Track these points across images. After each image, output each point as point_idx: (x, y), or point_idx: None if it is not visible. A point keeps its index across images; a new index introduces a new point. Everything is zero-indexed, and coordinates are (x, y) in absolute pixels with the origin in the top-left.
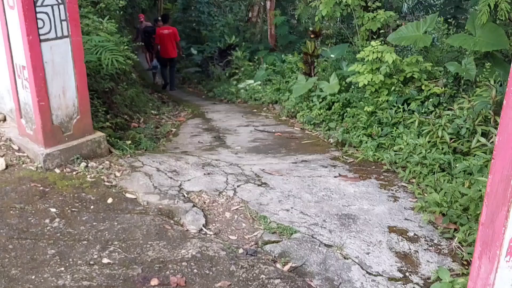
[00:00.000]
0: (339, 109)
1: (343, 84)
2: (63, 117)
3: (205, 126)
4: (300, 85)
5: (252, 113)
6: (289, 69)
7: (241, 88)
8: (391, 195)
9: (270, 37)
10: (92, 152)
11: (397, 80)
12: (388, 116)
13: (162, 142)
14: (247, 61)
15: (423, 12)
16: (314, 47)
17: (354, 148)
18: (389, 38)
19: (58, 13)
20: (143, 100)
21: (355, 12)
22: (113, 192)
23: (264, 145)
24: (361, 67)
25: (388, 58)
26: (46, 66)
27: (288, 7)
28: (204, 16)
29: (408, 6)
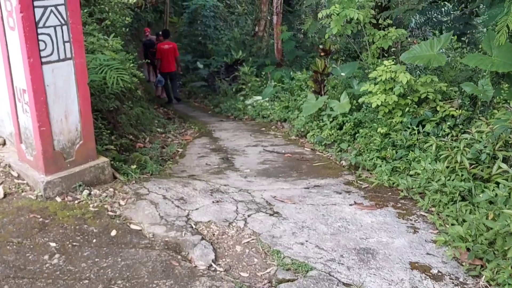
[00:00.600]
0: (350, 129)
1: (354, 103)
2: (65, 142)
3: (212, 146)
4: (310, 104)
5: (261, 131)
6: (297, 87)
7: (249, 105)
8: (411, 226)
9: (277, 51)
10: (95, 179)
11: (411, 101)
12: (403, 138)
13: (168, 165)
14: (254, 77)
15: (431, 28)
16: (324, 65)
17: (368, 172)
18: (402, 57)
19: (61, 34)
20: (149, 117)
21: (365, 29)
22: (117, 224)
23: (274, 168)
24: (374, 87)
25: (402, 78)
26: (47, 90)
27: (295, 21)
28: (210, 30)
29: (416, 22)
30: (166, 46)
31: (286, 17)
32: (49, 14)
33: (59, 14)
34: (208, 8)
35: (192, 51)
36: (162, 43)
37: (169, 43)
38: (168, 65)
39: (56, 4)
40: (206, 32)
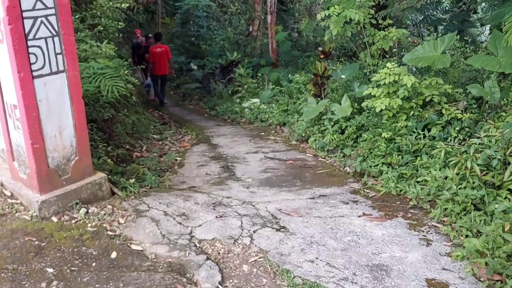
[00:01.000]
0: (352, 133)
1: (355, 106)
2: (59, 159)
3: (211, 154)
4: (311, 108)
5: (260, 136)
6: (296, 89)
7: (246, 108)
8: (423, 238)
9: (272, 51)
10: (92, 196)
11: (416, 104)
12: (408, 143)
13: (167, 176)
14: (250, 78)
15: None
16: (324, 68)
17: (374, 179)
18: (405, 59)
19: (52, 46)
20: (145, 123)
21: (365, 29)
22: (117, 244)
23: (277, 176)
24: (377, 91)
25: (407, 81)
26: (40, 105)
27: (289, 20)
28: (204, 30)
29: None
30: (158, 49)
31: (280, 16)
32: (39, 25)
33: (50, 25)
34: (200, 8)
35: (185, 52)
36: (154, 46)
37: (161, 46)
38: (161, 68)
39: (46, 14)
40: (199, 33)
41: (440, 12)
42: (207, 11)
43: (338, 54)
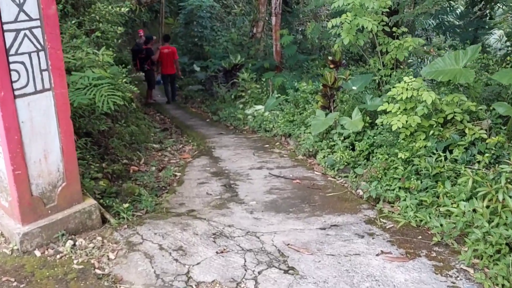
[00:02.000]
0: (365, 150)
1: (367, 120)
2: (45, 185)
3: (213, 169)
4: (319, 121)
5: (264, 149)
6: (303, 99)
7: (249, 115)
8: (452, 286)
9: (276, 53)
10: (81, 225)
11: (436, 123)
12: (428, 166)
13: (165, 197)
14: (254, 83)
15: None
16: (334, 78)
17: (390, 205)
18: (423, 72)
19: (37, 62)
20: (145, 131)
21: (377, 38)
22: (105, 286)
23: (283, 199)
24: (393, 107)
25: (426, 97)
26: (22, 127)
27: (294, 22)
28: (207, 31)
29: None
30: (166, 50)
31: (284, 17)
32: (22, 39)
33: (34, 38)
34: (204, 9)
35: (188, 52)
36: (163, 47)
37: (168, 47)
38: (167, 68)
39: (31, 27)
40: (203, 34)
41: (454, 18)
42: (211, 11)
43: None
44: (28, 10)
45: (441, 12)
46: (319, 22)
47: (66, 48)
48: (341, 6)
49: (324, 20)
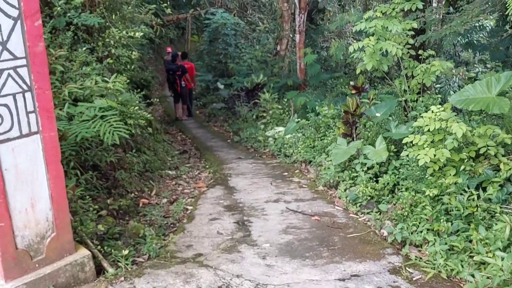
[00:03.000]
0: (389, 182)
1: (392, 149)
2: (31, 237)
3: (227, 202)
4: (340, 150)
5: (283, 177)
6: (324, 123)
7: (269, 137)
8: None
9: (299, 71)
10: (72, 279)
11: (467, 157)
12: (459, 205)
13: (171, 239)
14: (275, 104)
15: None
16: (356, 104)
17: (417, 249)
18: (452, 101)
19: (23, 103)
20: (161, 156)
21: (403, 61)
22: None
23: (300, 241)
24: (419, 138)
25: (457, 130)
26: (6, 175)
27: (318, 39)
28: (232, 48)
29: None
30: (186, 66)
31: (309, 35)
32: (6, 80)
33: (19, 78)
34: (229, 26)
35: (213, 69)
36: (183, 63)
37: (187, 63)
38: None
39: (15, 66)
40: (227, 51)
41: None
42: (236, 29)
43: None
44: (12, 48)
45: (470, 31)
46: (344, 39)
47: (76, 76)
48: (363, 29)
49: (349, 37)
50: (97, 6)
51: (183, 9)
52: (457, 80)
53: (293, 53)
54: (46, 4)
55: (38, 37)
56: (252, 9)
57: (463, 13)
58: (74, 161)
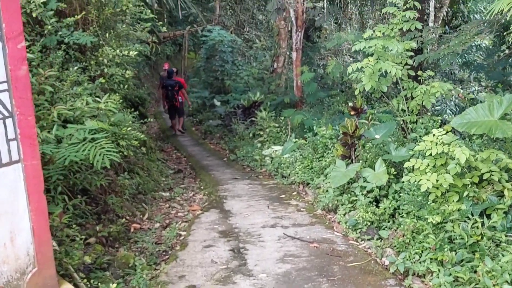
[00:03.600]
0: (389, 206)
1: (392, 171)
2: (10, 273)
3: (222, 227)
4: (339, 173)
5: (280, 200)
6: (322, 143)
7: (266, 156)
8: None
9: (296, 88)
10: None
11: (470, 182)
12: (463, 233)
13: (162, 269)
14: (272, 122)
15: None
16: (355, 126)
17: (420, 279)
18: (453, 124)
19: (3, 130)
20: (155, 177)
21: (402, 81)
22: None
23: (298, 270)
24: (421, 163)
25: (460, 155)
26: None
27: (315, 56)
28: (228, 65)
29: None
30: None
31: (305, 52)
32: None
33: (0, 104)
34: (226, 43)
35: (209, 86)
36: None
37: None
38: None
39: None
40: (224, 68)
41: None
42: (232, 46)
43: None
44: None
45: (467, 51)
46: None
47: (66, 96)
48: (362, 49)
49: (345, 55)
50: (90, 24)
51: (180, 25)
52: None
53: (290, 70)
54: (37, 22)
55: (20, 60)
56: (249, 26)
57: (460, 33)
58: (62, 185)
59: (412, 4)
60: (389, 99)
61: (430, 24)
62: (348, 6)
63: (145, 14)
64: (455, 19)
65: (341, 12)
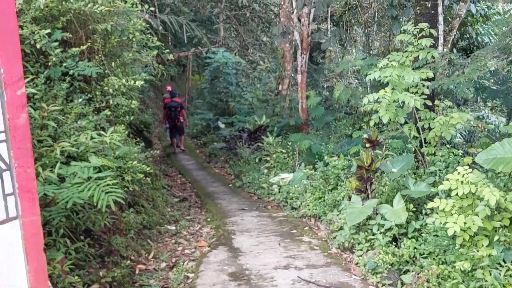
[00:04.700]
0: (411, 247)
1: (411, 208)
2: None
3: (232, 269)
4: (355, 210)
5: (291, 236)
6: (334, 174)
7: (274, 183)
8: None
9: (302, 111)
10: None
11: (501, 226)
12: (495, 282)
13: None
14: (279, 147)
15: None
16: (371, 159)
17: None
18: (479, 160)
19: (0, 184)
20: (160, 208)
21: (418, 111)
22: None
23: None
24: (446, 203)
25: (489, 196)
26: None
27: (320, 79)
28: (233, 87)
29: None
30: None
31: (310, 74)
32: None
33: None
34: (230, 65)
35: (214, 108)
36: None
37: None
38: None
39: None
40: (228, 90)
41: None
42: (237, 68)
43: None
44: None
45: (482, 77)
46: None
47: (70, 130)
48: (377, 79)
49: (350, 76)
50: (96, 53)
51: (184, 47)
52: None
53: (295, 90)
54: (41, 53)
55: (20, 108)
56: (253, 48)
57: (475, 59)
58: (64, 227)
59: (428, 32)
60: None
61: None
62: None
63: (152, 42)
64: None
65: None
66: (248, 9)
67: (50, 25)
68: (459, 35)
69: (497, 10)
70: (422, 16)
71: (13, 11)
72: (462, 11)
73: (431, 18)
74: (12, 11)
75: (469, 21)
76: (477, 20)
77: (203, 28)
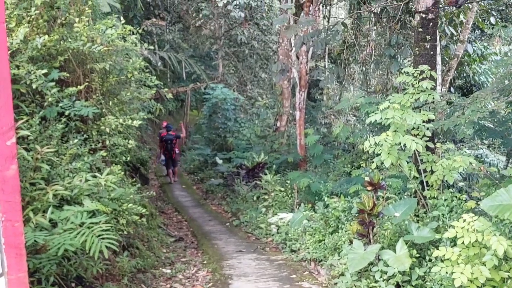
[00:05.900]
0: None
1: (414, 254)
2: None
3: None
4: (357, 255)
5: (290, 281)
6: (334, 216)
7: (272, 224)
8: None
9: (300, 147)
10: None
11: (510, 276)
12: None
13: None
14: (278, 186)
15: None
16: (373, 203)
17: None
18: (484, 206)
19: None
20: (155, 249)
21: (419, 155)
22: None
23: None
24: (452, 252)
25: (497, 246)
26: None
27: (318, 116)
28: (231, 123)
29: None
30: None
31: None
32: None
33: None
34: (228, 101)
35: (211, 143)
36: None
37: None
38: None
39: None
40: (226, 125)
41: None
42: (235, 103)
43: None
44: None
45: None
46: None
47: (65, 172)
48: (379, 121)
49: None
50: (93, 92)
51: (183, 82)
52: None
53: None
54: (37, 93)
55: (9, 159)
56: (251, 84)
57: (474, 100)
58: (55, 274)
59: (428, 74)
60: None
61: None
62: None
63: (151, 80)
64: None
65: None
66: (247, 46)
67: (47, 65)
68: (456, 74)
69: (493, 51)
70: (421, 56)
71: (5, 59)
72: (460, 51)
73: (430, 59)
74: (5, 59)
75: (466, 61)
76: (474, 59)
77: (202, 64)
